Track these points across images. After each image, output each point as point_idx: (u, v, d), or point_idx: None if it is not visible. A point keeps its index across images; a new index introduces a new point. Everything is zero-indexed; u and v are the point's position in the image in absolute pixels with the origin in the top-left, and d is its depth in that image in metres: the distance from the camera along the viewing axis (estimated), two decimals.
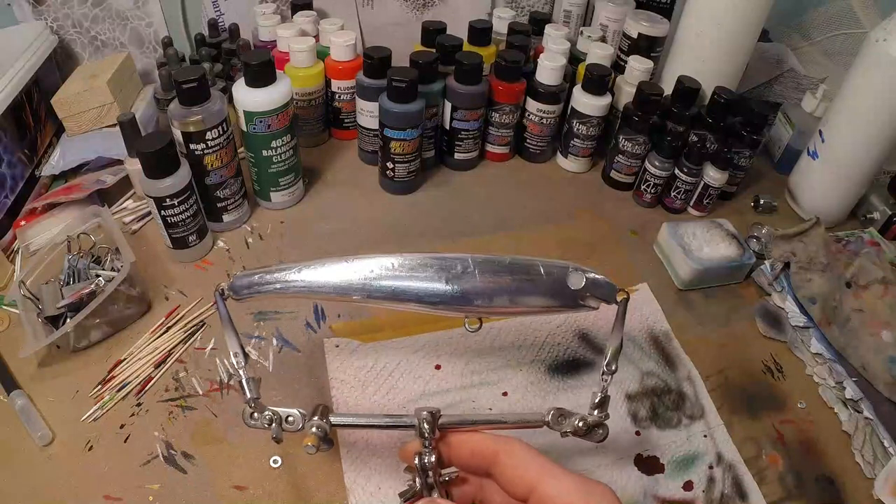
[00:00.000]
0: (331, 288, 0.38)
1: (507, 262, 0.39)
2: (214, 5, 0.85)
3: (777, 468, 0.51)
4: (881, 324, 0.59)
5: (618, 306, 0.40)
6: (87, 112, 0.72)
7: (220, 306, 0.40)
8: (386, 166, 0.72)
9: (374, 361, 0.55)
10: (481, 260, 0.38)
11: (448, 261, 0.38)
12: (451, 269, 0.38)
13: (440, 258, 0.38)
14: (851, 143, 0.69)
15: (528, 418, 0.39)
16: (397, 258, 0.38)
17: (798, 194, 0.77)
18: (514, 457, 0.34)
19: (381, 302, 0.38)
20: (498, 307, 0.39)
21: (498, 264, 0.38)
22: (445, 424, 0.36)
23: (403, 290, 0.38)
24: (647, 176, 0.73)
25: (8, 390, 0.51)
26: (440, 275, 0.38)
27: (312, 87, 0.75)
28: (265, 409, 0.38)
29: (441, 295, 0.38)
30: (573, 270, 0.39)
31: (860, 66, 0.65)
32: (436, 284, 0.38)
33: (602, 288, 0.39)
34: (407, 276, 0.38)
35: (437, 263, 0.38)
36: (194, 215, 0.60)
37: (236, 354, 0.39)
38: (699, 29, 0.74)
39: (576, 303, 0.39)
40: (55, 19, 0.80)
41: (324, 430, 0.38)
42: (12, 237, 0.65)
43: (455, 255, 0.39)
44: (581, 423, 0.38)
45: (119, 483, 0.46)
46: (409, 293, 0.38)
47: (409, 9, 0.89)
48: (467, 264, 0.38)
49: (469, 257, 0.38)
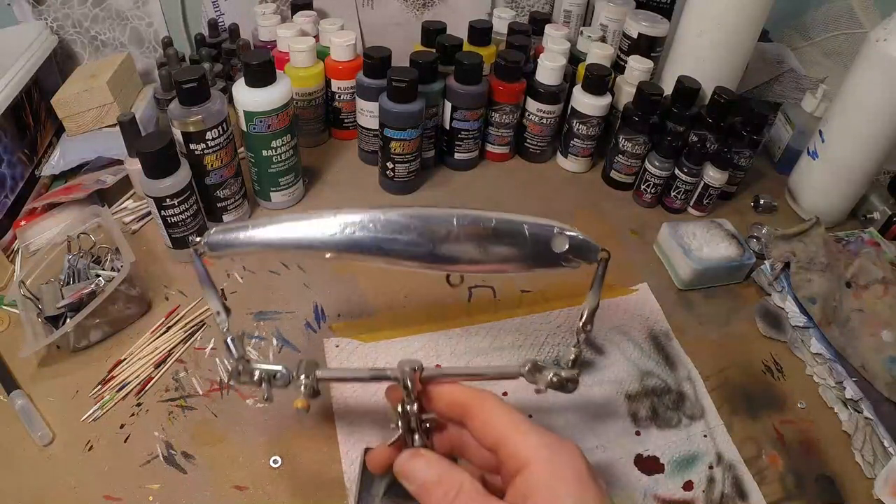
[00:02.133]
0: (307, 242, 0.37)
1: (491, 225, 0.38)
2: (214, 5, 0.85)
3: (777, 468, 0.51)
4: (881, 324, 0.59)
5: (598, 266, 0.40)
6: (87, 112, 0.72)
7: (196, 265, 0.38)
8: (386, 166, 0.72)
9: (374, 361, 0.55)
10: (466, 223, 0.38)
11: (433, 222, 0.38)
12: (436, 233, 0.37)
13: (424, 218, 0.38)
14: (851, 144, 0.69)
15: (505, 371, 0.41)
16: (380, 215, 0.38)
17: (798, 194, 0.77)
18: (484, 410, 0.35)
19: (360, 258, 0.38)
20: (480, 269, 0.40)
21: (483, 228, 0.38)
22: (427, 378, 0.37)
23: (385, 249, 0.38)
24: (647, 176, 0.73)
25: (8, 390, 0.51)
26: (423, 237, 0.38)
27: (312, 87, 0.75)
28: (253, 369, 0.38)
29: (423, 256, 0.38)
30: (557, 234, 0.39)
31: (860, 67, 0.65)
32: (418, 248, 0.38)
33: (584, 249, 0.40)
34: (389, 237, 0.37)
35: (421, 226, 0.38)
36: (194, 215, 0.60)
37: (218, 313, 0.39)
38: (699, 29, 0.74)
39: (558, 263, 0.40)
40: (55, 19, 0.80)
41: (311, 388, 0.38)
42: (12, 237, 0.65)
43: (440, 213, 0.38)
44: (555, 378, 0.40)
45: (119, 483, 0.46)
46: (391, 252, 0.38)
47: (409, 9, 0.89)
48: (452, 227, 0.38)
49: (454, 218, 0.38)
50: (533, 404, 0.53)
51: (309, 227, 0.37)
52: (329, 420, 0.51)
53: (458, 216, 0.38)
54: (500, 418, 0.34)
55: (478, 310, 0.61)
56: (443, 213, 0.38)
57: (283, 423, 0.50)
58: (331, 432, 0.50)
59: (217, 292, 0.39)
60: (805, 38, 0.96)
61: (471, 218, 0.38)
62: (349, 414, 0.51)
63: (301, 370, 0.39)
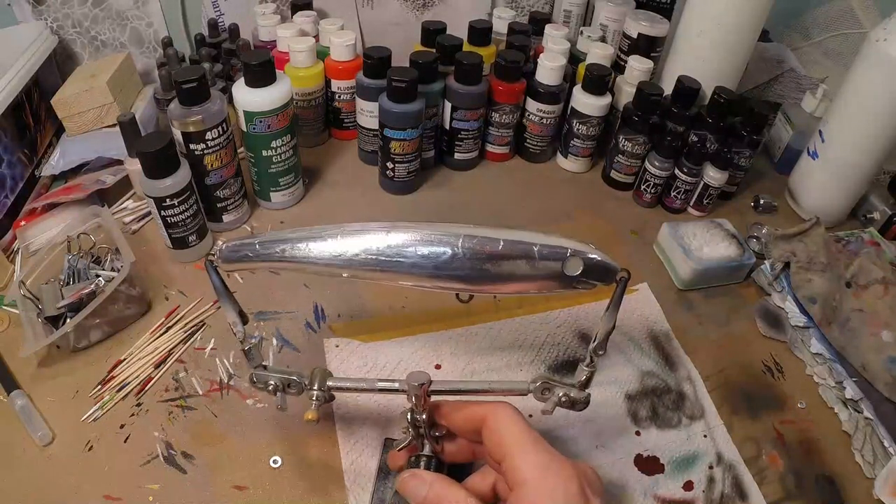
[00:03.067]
0: (321, 263, 0.37)
1: (499, 247, 0.36)
2: (214, 5, 0.85)
3: (777, 468, 0.51)
4: (881, 324, 0.59)
5: (616, 286, 0.38)
6: (87, 112, 0.72)
7: (211, 276, 0.39)
8: (386, 166, 0.72)
9: (374, 361, 0.55)
10: (471, 245, 0.36)
11: (437, 243, 0.37)
12: (440, 256, 0.36)
13: (429, 240, 0.37)
14: (851, 143, 0.69)
15: (514, 387, 0.41)
16: (387, 237, 0.37)
17: (798, 194, 0.77)
18: (497, 422, 0.36)
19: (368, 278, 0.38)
20: (486, 290, 0.38)
21: (490, 249, 0.36)
22: (435, 391, 0.38)
23: (391, 269, 0.37)
24: (647, 176, 0.73)
25: (8, 390, 0.51)
26: (428, 260, 0.37)
27: (312, 87, 0.75)
28: (269, 378, 0.41)
29: (429, 277, 0.37)
30: (570, 256, 0.37)
31: (860, 67, 0.65)
32: (423, 270, 0.37)
33: (600, 272, 0.37)
34: (394, 260, 0.37)
35: (426, 249, 0.37)
36: (194, 215, 0.60)
37: (234, 324, 0.40)
38: (699, 29, 0.74)
39: (572, 286, 0.38)
40: (55, 19, 0.80)
41: (322, 398, 0.40)
42: (12, 237, 0.65)
43: (446, 234, 0.37)
44: (565, 398, 0.40)
45: (119, 483, 0.46)
46: (398, 273, 0.37)
47: (409, 9, 0.89)
48: (457, 251, 0.36)
49: (460, 240, 0.36)
50: (533, 404, 0.53)
51: (322, 246, 0.37)
52: (329, 420, 0.51)
53: (463, 237, 0.37)
54: (508, 432, 0.35)
55: (478, 310, 0.61)
56: (447, 234, 0.37)
57: (283, 423, 0.50)
58: (331, 432, 0.50)
59: (234, 302, 0.40)
60: (805, 38, 0.96)
61: (477, 240, 0.37)
62: (349, 414, 0.51)
63: (314, 380, 0.40)
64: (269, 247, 0.38)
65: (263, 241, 0.38)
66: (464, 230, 0.37)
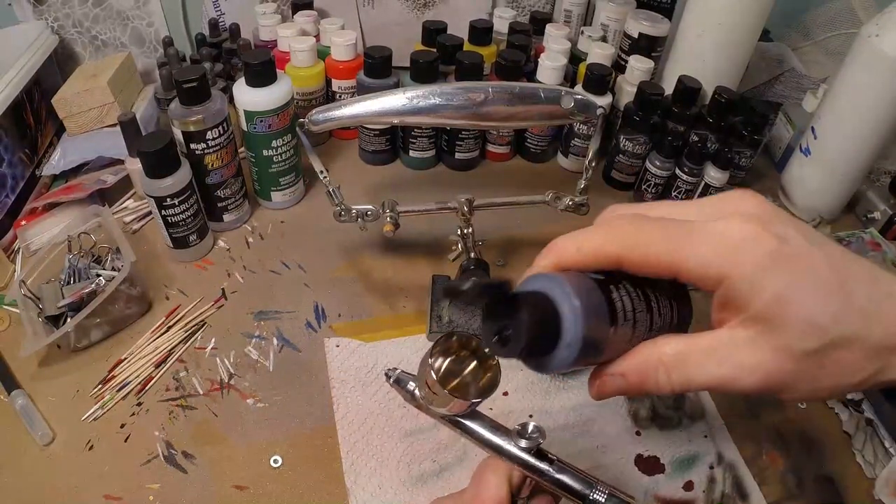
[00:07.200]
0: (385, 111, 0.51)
1: (516, 90, 0.52)
2: (215, 5, 0.85)
3: (777, 468, 0.51)
4: None
5: (599, 119, 0.54)
6: (88, 112, 0.72)
7: (302, 138, 0.54)
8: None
9: (374, 361, 0.55)
10: (498, 90, 0.52)
11: (473, 91, 0.51)
12: (476, 99, 0.51)
13: (467, 89, 0.51)
14: (843, 139, 0.68)
15: (535, 199, 0.60)
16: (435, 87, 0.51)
17: (790, 191, 0.76)
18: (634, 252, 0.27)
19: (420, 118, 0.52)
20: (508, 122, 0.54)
21: (509, 93, 0.52)
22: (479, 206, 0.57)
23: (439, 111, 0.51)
24: (648, 176, 0.73)
25: (8, 390, 0.51)
26: (467, 101, 0.51)
27: (313, 87, 0.75)
28: (351, 209, 0.56)
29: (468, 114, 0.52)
30: (565, 94, 0.52)
31: (852, 62, 0.65)
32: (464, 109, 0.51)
33: (586, 107, 0.53)
34: (443, 102, 0.51)
35: (464, 94, 0.51)
36: (195, 215, 0.60)
37: (322, 172, 0.54)
38: (700, 29, 0.74)
39: (567, 118, 0.54)
40: (56, 19, 0.80)
41: (394, 219, 0.55)
42: (13, 237, 0.65)
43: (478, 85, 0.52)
44: (570, 202, 0.59)
45: (119, 483, 0.46)
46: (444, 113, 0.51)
47: (409, 8, 0.89)
48: (488, 93, 0.51)
49: (490, 87, 0.52)
50: (534, 404, 0.54)
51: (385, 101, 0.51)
52: (329, 420, 0.51)
53: (492, 86, 0.52)
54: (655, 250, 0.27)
55: None
56: (481, 84, 0.52)
57: (283, 423, 0.50)
58: (331, 432, 0.50)
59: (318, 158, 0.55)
60: (806, 38, 0.96)
61: (500, 87, 0.52)
62: (349, 414, 0.51)
63: (386, 207, 0.55)
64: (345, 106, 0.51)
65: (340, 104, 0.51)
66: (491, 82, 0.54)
